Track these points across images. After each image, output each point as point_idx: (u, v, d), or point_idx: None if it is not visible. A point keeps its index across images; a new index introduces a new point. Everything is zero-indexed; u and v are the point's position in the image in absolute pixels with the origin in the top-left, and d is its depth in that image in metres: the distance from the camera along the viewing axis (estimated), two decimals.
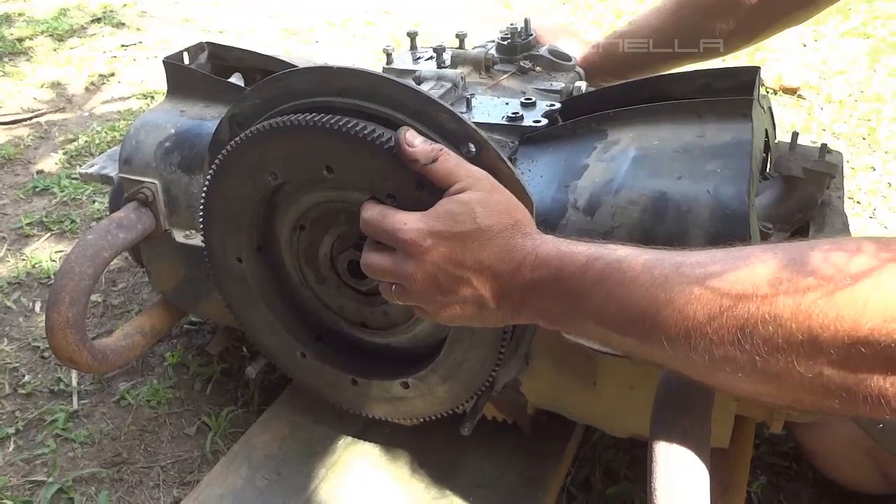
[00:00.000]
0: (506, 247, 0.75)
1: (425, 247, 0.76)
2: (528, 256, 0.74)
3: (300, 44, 3.35)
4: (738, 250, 0.65)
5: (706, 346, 0.62)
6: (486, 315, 0.79)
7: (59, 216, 2.05)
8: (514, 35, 1.29)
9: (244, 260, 1.06)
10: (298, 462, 1.20)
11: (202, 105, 1.21)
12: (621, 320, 0.68)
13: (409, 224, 0.77)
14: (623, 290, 0.67)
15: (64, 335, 1.10)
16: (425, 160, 0.80)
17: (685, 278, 0.64)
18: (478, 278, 0.76)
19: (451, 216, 0.76)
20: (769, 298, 0.58)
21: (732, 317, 0.60)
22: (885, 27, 3.10)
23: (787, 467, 1.29)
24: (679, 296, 0.63)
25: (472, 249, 0.75)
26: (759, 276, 0.60)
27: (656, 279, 0.66)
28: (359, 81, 0.89)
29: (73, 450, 1.36)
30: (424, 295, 0.79)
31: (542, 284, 0.73)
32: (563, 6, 3.70)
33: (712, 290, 0.62)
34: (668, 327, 0.64)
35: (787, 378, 0.59)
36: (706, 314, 0.61)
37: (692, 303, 0.62)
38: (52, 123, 2.64)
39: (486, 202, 0.77)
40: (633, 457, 1.28)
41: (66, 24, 3.57)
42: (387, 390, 1.07)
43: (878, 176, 2.13)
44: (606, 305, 0.69)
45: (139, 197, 1.19)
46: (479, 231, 0.75)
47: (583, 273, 0.71)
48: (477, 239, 0.75)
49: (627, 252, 0.70)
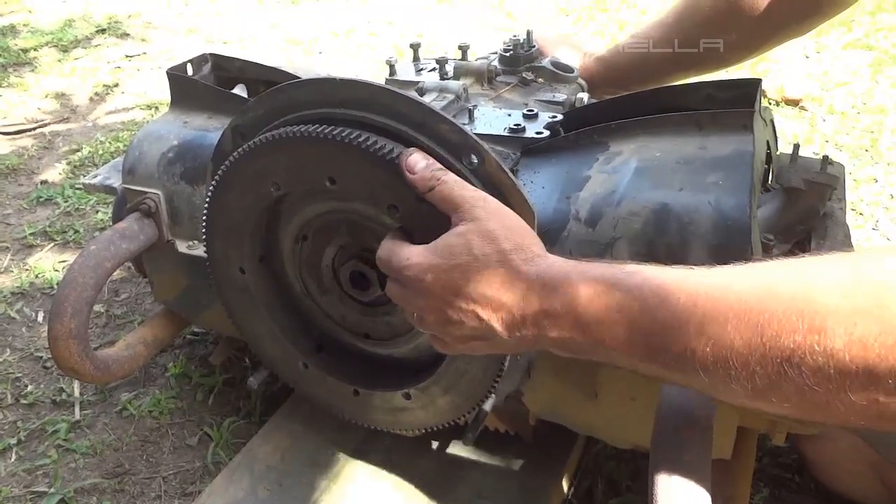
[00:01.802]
0: (508, 275, 0.72)
1: (427, 282, 0.75)
2: (534, 283, 0.71)
3: (303, 54, 3.36)
4: (773, 269, 0.61)
5: (748, 376, 0.58)
6: (500, 345, 0.77)
7: (62, 226, 2.06)
8: (516, 46, 1.30)
9: (247, 270, 1.06)
10: (300, 473, 1.20)
11: (205, 116, 1.22)
12: (648, 350, 0.64)
13: (411, 260, 0.77)
14: (649, 318, 0.63)
15: (66, 345, 1.10)
16: (423, 189, 0.80)
17: (717, 304, 0.60)
18: (484, 310, 0.73)
19: (448, 249, 0.75)
20: (816, 327, 0.54)
21: (777, 347, 0.56)
22: (887, 39, 3.11)
23: (790, 479, 1.28)
24: (713, 323, 0.59)
25: (472, 281, 0.73)
26: (802, 302, 0.56)
27: (685, 304, 0.62)
28: (361, 93, 0.89)
29: (74, 460, 1.36)
30: (437, 328, 0.78)
31: (556, 314, 0.69)
32: (565, 17, 3.71)
33: (751, 318, 0.57)
34: (703, 357, 0.60)
35: (837, 405, 0.56)
36: (746, 345, 0.57)
37: (729, 332, 0.58)
38: (56, 134, 2.64)
39: (483, 231, 0.75)
40: (635, 468, 1.27)
41: (70, 34, 3.58)
42: (389, 401, 1.07)
43: (880, 187, 2.13)
44: (631, 335, 0.65)
45: (142, 207, 1.19)
46: (476, 262, 0.73)
47: (600, 301, 0.67)
48: (476, 270, 0.73)
49: (646, 274, 0.67)
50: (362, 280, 1.02)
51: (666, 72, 1.33)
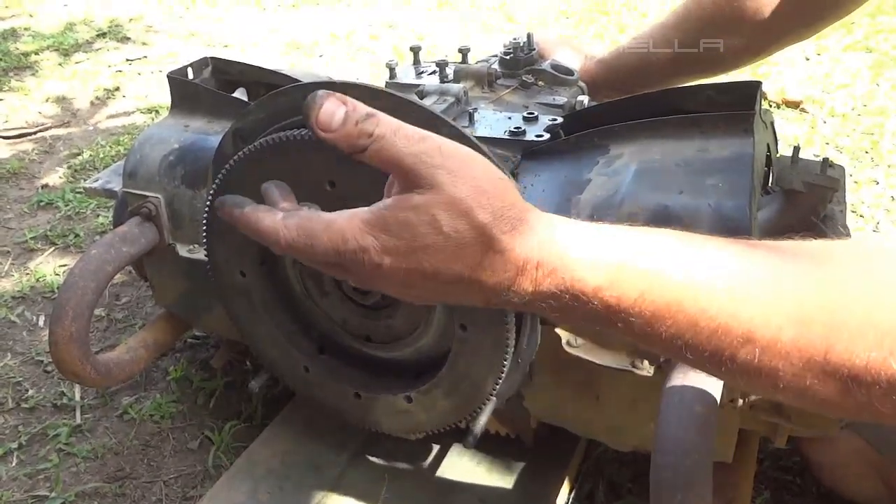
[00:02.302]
0: (491, 255, 0.57)
1: (385, 265, 0.57)
2: (526, 266, 0.57)
3: (304, 58, 3.36)
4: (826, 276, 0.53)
5: (801, 391, 0.52)
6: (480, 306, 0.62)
7: (63, 230, 2.06)
8: (516, 49, 1.30)
9: (248, 274, 1.06)
10: (301, 477, 1.20)
11: (206, 120, 1.22)
12: (674, 346, 0.56)
13: (357, 241, 0.57)
14: (677, 311, 0.54)
15: (67, 349, 1.10)
16: (350, 150, 0.58)
17: (768, 309, 0.52)
18: (462, 291, 0.59)
19: (406, 228, 0.56)
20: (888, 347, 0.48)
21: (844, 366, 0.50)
22: (887, 41, 3.11)
23: (791, 482, 1.28)
24: (763, 332, 0.52)
25: (445, 265, 0.57)
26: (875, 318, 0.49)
27: (725, 303, 0.53)
28: (362, 96, 0.89)
29: (75, 464, 1.36)
30: (404, 297, 0.63)
31: (553, 297, 0.58)
32: (566, 19, 3.72)
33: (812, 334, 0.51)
34: (745, 363, 0.53)
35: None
36: (803, 358, 0.51)
37: (783, 343, 0.51)
38: (56, 138, 2.65)
39: (450, 200, 0.56)
40: (636, 470, 1.27)
41: (71, 38, 3.58)
42: (390, 404, 1.07)
43: (881, 189, 2.13)
44: (653, 328, 0.55)
45: (143, 211, 1.19)
46: (447, 241, 0.56)
47: (611, 289, 0.56)
48: (448, 252, 0.56)
49: (665, 251, 0.56)
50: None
51: (667, 75, 1.33)
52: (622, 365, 0.95)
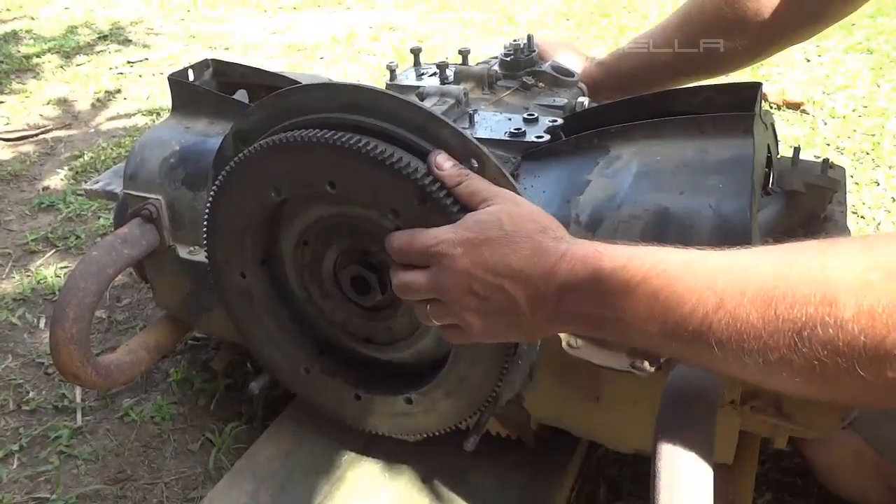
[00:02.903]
0: (536, 250, 0.75)
1: (456, 255, 0.77)
2: (562, 258, 0.73)
3: (305, 60, 3.37)
4: (791, 249, 0.62)
5: (760, 350, 0.60)
6: (522, 324, 0.78)
7: (64, 232, 2.06)
8: (517, 51, 1.30)
9: (248, 275, 1.06)
10: (302, 478, 1.20)
11: (207, 121, 1.22)
12: (667, 323, 0.66)
13: (439, 237, 0.79)
14: (669, 291, 0.65)
15: (68, 351, 1.11)
16: (451, 183, 0.84)
17: (736, 279, 0.62)
18: (510, 283, 0.75)
19: (478, 224, 0.78)
20: (828, 299, 0.56)
21: (789, 320, 0.57)
22: (888, 43, 3.11)
23: (793, 483, 1.28)
24: (730, 297, 0.61)
25: (501, 254, 0.76)
26: (816, 276, 0.57)
27: (704, 280, 0.64)
28: (362, 98, 0.89)
29: (76, 466, 1.36)
30: (460, 304, 0.79)
31: (580, 286, 0.72)
32: (566, 21, 3.72)
33: (766, 292, 0.59)
34: (719, 330, 0.62)
35: (848, 381, 0.56)
36: (760, 317, 0.59)
37: (744, 305, 0.60)
38: (57, 140, 2.65)
39: (511, 211, 0.79)
40: (637, 472, 1.27)
41: (73, 41, 3.59)
42: (390, 406, 1.07)
43: (881, 191, 2.13)
44: (651, 307, 0.67)
45: (143, 213, 1.20)
46: (506, 236, 0.76)
47: (623, 272, 0.69)
48: (506, 244, 0.76)
49: (669, 251, 0.69)
50: (363, 284, 1.02)
51: (668, 76, 1.32)
52: (623, 366, 0.95)
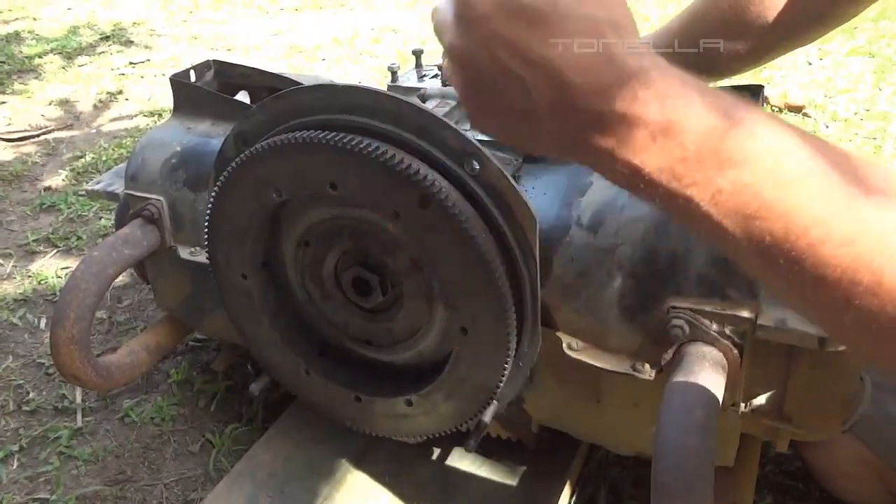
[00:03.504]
0: (596, 53, 0.50)
1: (478, 14, 0.52)
2: (630, 77, 0.50)
3: (306, 61, 3.37)
4: None
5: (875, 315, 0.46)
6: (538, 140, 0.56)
7: (65, 233, 2.06)
8: None
9: (249, 276, 1.06)
10: (302, 480, 1.20)
11: (208, 122, 1.22)
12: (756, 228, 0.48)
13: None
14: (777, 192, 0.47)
15: (69, 352, 1.11)
16: None
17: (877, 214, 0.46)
18: (538, 82, 0.51)
19: None
20: None
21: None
22: (889, 46, 3.11)
23: (794, 486, 1.28)
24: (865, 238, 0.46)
25: (539, 38, 0.50)
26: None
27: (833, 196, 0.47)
28: (363, 99, 0.89)
29: (76, 467, 1.36)
30: (464, 80, 0.57)
31: (644, 126, 0.49)
32: None
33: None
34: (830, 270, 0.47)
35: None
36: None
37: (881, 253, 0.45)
38: (59, 140, 2.65)
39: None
40: (637, 475, 1.27)
41: (75, 42, 3.60)
42: (390, 408, 1.07)
43: None
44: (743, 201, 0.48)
45: (145, 214, 1.20)
46: (558, 16, 0.50)
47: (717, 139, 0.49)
48: (553, 26, 0.50)
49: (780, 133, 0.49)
50: (364, 286, 1.02)
51: None
52: (623, 369, 0.95)
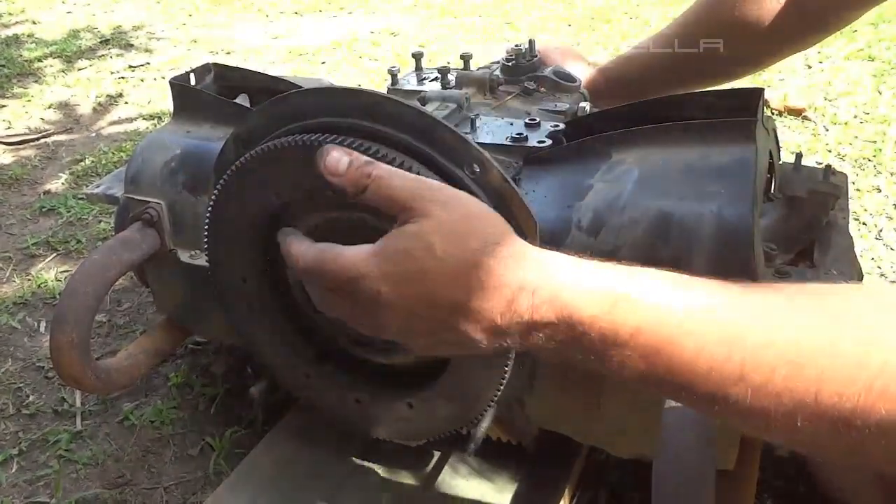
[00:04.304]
0: (487, 280, 0.59)
1: (384, 293, 0.61)
2: (521, 292, 0.59)
3: (307, 64, 3.37)
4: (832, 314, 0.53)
5: (788, 429, 0.51)
6: (480, 352, 0.64)
7: (64, 236, 2.06)
8: (518, 56, 1.30)
9: (249, 279, 1.06)
10: (302, 483, 1.19)
11: (208, 125, 1.22)
12: (669, 384, 0.56)
13: (357, 268, 0.62)
14: (673, 350, 0.55)
15: (68, 355, 1.10)
16: (354, 191, 0.66)
17: (762, 347, 0.52)
18: (460, 320, 0.61)
19: (402, 254, 0.61)
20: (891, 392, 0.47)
21: (834, 408, 0.49)
22: (889, 50, 3.11)
23: (794, 490, 1.27)
24: (756, 372, 0.52)
25: (441, 289, 0.60)
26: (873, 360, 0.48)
27: (720, 343, 0.53)
28: (363, 102, 0.89)
29: (76, 471, 1.36)
30: (401, 338, 0.67)
31: (550, 327, 0.59)
32: (567, 27, 3.72)
33: (806, 375, 0.50)
34: (737, 402, 0.53)
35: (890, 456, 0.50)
36: (794, 400, 0.50)
37: (775, 383, 0.51)
38: (59, 144, 2.65)
39: (443, 228, 0.61)
40: (638, 478, 1.27)
41: (75, 45, 3.60)
42: (391, 410, 1.07)
43: (883, 197, 2.13)
44: (651, 363, 0.56)
45: (144, 217, 1.19)
46: (442, 266, 0.60)
47: (608, 320, 0.57)
48: (444, 275, 0.60)
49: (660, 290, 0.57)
50: None
51: (669, 83, 1.32)
52: None
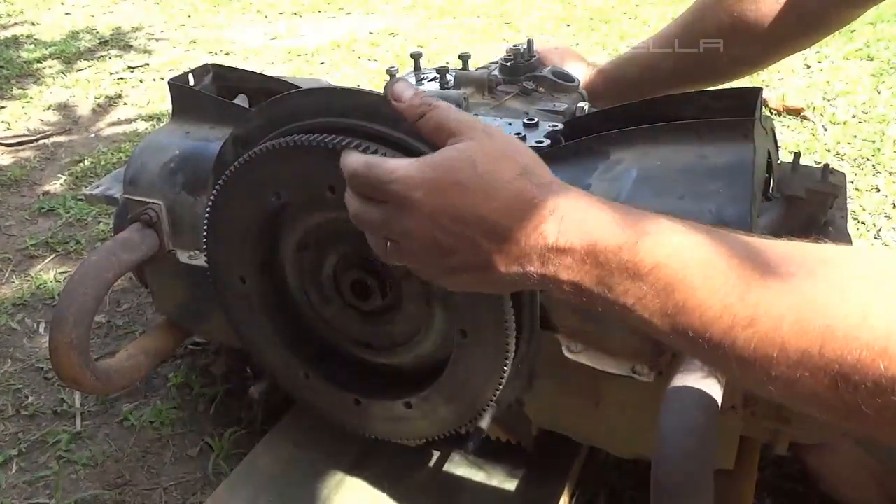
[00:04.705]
0: (517, 198, 0.62)
1: (416, 199, 0.64)
2: (551, 215, 0.61)
3: (305, 65, 3.37)
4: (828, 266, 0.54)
5: (790, 381, 0.53)
6: (493, 280, 0.66)
7: (64, 237, 2.06)
8: (517, 56, 1.30)
9: (248, 280, 1.06)
10: (301, 484, 1.19)
11: (207, 126, 1.22)
12: (680, 324, 0.57)
13: (397, 173, 0.65)
14: (688, 290, 0.56)
15: (67, 356, 1.10)
16: (412, 117, 0.71)
17: (775, 298, 0.53)
18: (483, 237, 0.63)
19: (446, 163, 0.65)
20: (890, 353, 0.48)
21: (836, 361, 0.50)
22: (888, 49, 3.11)
23: (793, 489, 1.27)
24: (766, 318, 0.53)
25: (472, 203, 0.63)
26: (878, 322, 0.49)
27: (735, 287, 0.55)
28: (361, 102, 0.89)
29: (75, 472, 1.36)
30: (421, 256, 0.68)
31: (572, 251, 0.61)
32: (567, 27, 3.72)
33: (814, 328, 0.51)
34: (744, 348, 0.54)
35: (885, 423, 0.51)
36: (800, 350, 0.51)
37: (782, 332, 0.52)
38: (58, 145, 2.65)
39: (486, 149, 0.65)
40: (637, 478, 1.27)
41: (74, 46, 3.60)
42: (390, 410, 1.07)
43: (882, 196, 2.13)
44: (663, 301, 0.58)
45: (143, 218, 1.19)
46: (479, 180, 0.63)
47: (631, 251, 0.59)
48: (479, 190, 0.63)
49: (687, 233, 0.59)
50: (364, 288, 1.02)
51: (668, 84, 1.32)
52: (623, 371, 0.95)
